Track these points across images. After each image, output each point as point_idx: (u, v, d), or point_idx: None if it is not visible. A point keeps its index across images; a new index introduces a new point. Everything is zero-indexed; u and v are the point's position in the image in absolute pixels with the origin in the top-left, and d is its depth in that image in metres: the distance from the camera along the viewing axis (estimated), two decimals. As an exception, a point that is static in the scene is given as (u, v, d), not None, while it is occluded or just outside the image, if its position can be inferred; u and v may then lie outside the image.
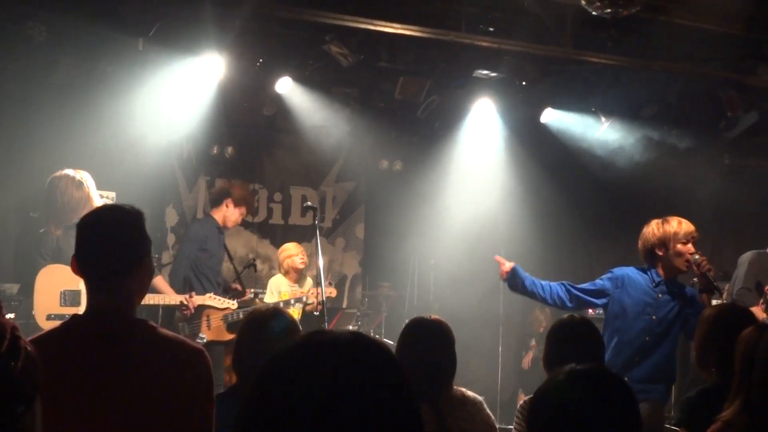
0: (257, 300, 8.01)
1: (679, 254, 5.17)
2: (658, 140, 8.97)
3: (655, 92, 8.46)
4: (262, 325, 3.48)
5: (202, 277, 6.91)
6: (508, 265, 5.49)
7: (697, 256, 5.13)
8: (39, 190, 5.95)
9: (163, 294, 6.37)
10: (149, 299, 6.07)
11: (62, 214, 5.66)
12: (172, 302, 6.30)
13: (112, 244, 2.55)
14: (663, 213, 5.42)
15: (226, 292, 7.06)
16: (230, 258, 7.33)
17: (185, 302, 6.27)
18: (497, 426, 3.81)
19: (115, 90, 7.53)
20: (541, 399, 2.05)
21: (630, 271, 5.33)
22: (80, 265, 2.55)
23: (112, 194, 7.29)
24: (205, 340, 6.42)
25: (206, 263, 6.94)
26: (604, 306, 5.34)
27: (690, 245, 5.17)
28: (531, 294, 5.45)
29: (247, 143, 9.49)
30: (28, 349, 1.38)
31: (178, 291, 6.63)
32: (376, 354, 1.35)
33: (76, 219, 5.83)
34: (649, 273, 5.26)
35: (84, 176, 5.80)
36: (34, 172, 7.49)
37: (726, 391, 3.02)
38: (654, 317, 5.15)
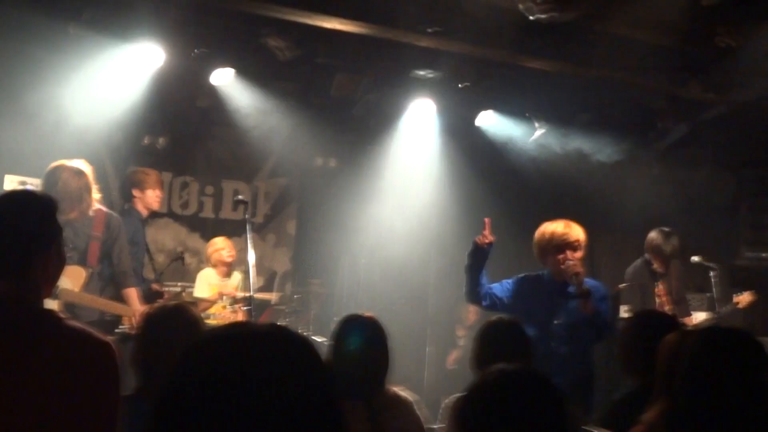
0: (184, 294, 7.89)
1: (556, 262, 5.19)
2: (589, 147, 9.11)
3: (589, 100, 8.58)
4: (163, 322, 3.37)
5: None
6: (490, 237, 5.30)
7: (569, 262, 5.12)
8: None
9: (112, 303, 5.93)
10: (97, 303, 5.80)
11: (62, 205, 5.48)
12: (120, 313, 5.89)
13: (13, 231, 2.48)
14: (592, 219, 5.46)
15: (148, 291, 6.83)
16: (149, 253, 7.11)
17: (132, 319, 5.81)
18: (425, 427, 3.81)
19: (43, 74, 7.34)
20: (471, 399, 2.05)
21: (526, 278, 5.37)
22: None
23: (38, 182, 7.08)
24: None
25: (135, 257, 6.78)
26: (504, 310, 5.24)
27: (568, 252, 5.15)
28: (476, 274, 5.32)
29: (179, 134, 9.33)
30: None
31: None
32: (296, 346, 1.33)
33: (73, 213, 5.68)
34: (545, 277, 5.31)
35: (82, 166, 5.66)
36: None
37: (649, 394, 3.07)
38: (556, 321, 5.16)
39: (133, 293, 6.05)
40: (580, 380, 5.14)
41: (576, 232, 5.24)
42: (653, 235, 7.46)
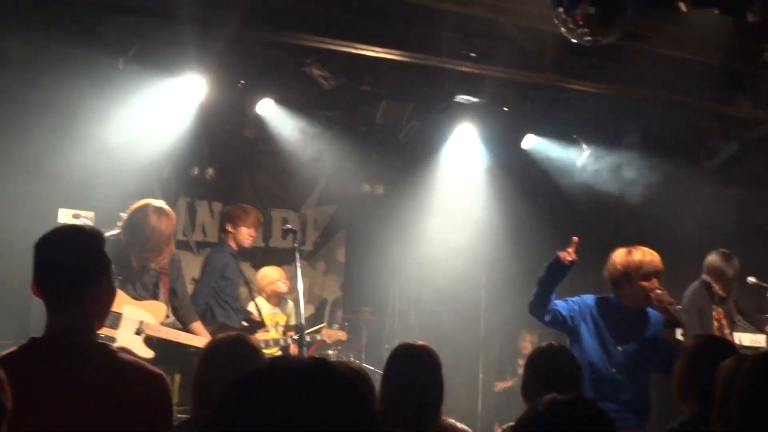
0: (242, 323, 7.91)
1: (640, 289, 5.07)
2: (638, 168, 9.00)
3: (636, 120, 8.50)
4: (223, 353, 3.38)
5: (224, 305, 6.82)
6: (574, 256, 5.18)
7: (658, 291, 5.02)
8: (19, 213, 5.81)
9: (195, 336, 5.97)
10: (179, 337, 5.87)
11: (149, 245, 5.59)
12: (199, 345, 5.84)
13: (67, 264, 2.53)
14: (644, 241, 5.37)
15: (246, 321, 6.91)
16: (247, 285, 7.12)
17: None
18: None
19: (94, 109, 7.48)
20: (522, 430, 2.02)
21: (592, 300, 5.27)
22: (38, 286, 2.53)
23: (91, 214, 7.20)
24: None
25: (227, 291, 6.84)
26: (563, 329, 5.26)
27: (654, 280, 5.07)
28: (548, 288, 5.26)
29: (227, 165, 9.43)
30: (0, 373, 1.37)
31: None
32: (338, 383, 1.32)
33: (162, 257, 5.79)
34: (614, 301, 5.21)
35: (167, 207, 5.81)
36: (11, 191, 7.43)
37: (706, 423, 3.00)
38: (619, 348, 5.08)
39: (200, 326, 6.13)
40: (637, 408, 5.07)
41: (659, 260, 5.16)
42: (713, 257, 7.25)
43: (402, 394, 3.39)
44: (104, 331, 5.09)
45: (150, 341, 5.83)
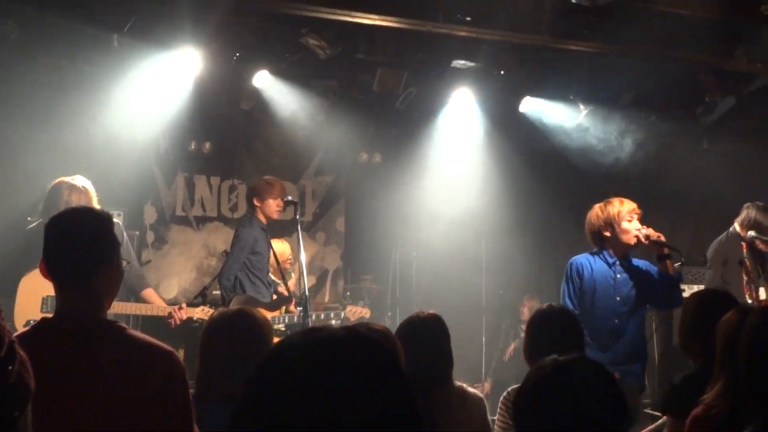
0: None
1: (626, 231, 5.28)
2: (636, 126, 8.99)
3: (633, 79, 8.47)
4: (225, 327, 3.32)
5: (255, 280, 6.79)
6: None
7: (643, 230, 5.27)
8: (17, 190, 5.84)
9: (150, 304, 6.06)
10: (134, 309, 5.92)
11: None
12: (159, 313, 6.02)
13: (77, 245, 2.57)
14: (643, 197, 5.47)
15: (276, 293, 7.00)
16: (276, 258, 7.12)
17: (173, 313, 6.00)
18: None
19: (91, 87, 7.48)
20: (525, 392, 2.05)
21: (583, 259, 5.43)
22: (47, 266, 2.58)
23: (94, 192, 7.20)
24: None
25: (257, 265, 6.83)
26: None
27: (635, 221, 5.31)
28: None
29: (224, 138, 9.42)
30: (22, 354, 1.38)
31: (227, 294, 6.52)
32: (374, 352, 1.34)
33: None
34: (602, 255, 5.37)
35: (86, 183, 5.71)
36: (10, 171, 7.43)
37: (709, 375, 3.03)
38: (618, 298, 5.26)
39: (151, 292, 6.12)
40: (637, 354, 5.30)
41: (635, 203, 5.39)
42: (751, 211, 7.19)
43: (415, 365, 3.42)
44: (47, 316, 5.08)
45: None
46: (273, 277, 7.32)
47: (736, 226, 7.24)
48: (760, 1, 6.59)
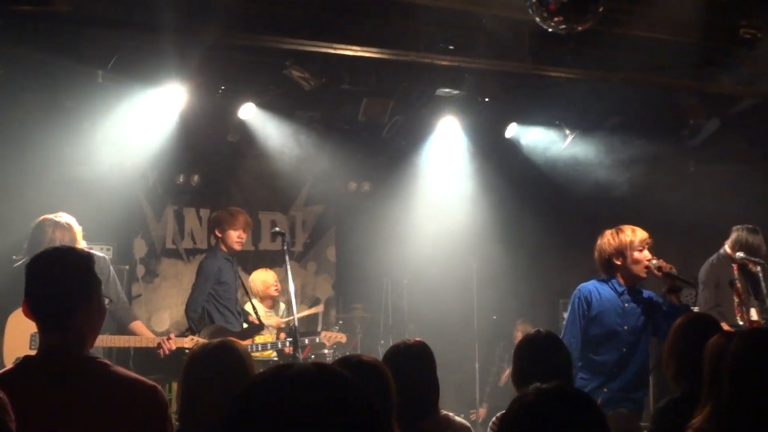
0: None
1: (637, 261, 5.23)
2: (622, 151, 9.04)
3: (617, 103, 8.53)
4: (206, 362, 3.26)
5: (224, 309, 6.79)
6: None
7: (654, 261, 5.21)
8: (3, 228, 5.81)
9: (138, 336, 6.01)
10: (123, 341, 5.91)
11: None
12: (148, 344, 5.98)
13: (57, 284, 2.59)
14: (630, 223, 5.45)
15: (246, 323, 6.97)
16: (245, 289, 7.11)
17: (162, 343, 5.98)
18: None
19: (76, 123, 7.49)
20: (508, 420, 2.05)
21: (591, 286, 5.35)
22: (29, 306, 2.58)
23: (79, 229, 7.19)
24: None
25: (224, 295, 6.82)
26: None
27: (646, 251, 5.25)
28: None
29: (212, 170, 9.44)
30: (2, 396, 1.39)
31: (194, 326, 6.52)
32: (342, 388, 1.35)
33: None
34: (610, 283, 5.30)
35: (70, 220, 5.71)
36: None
37: (695, 400, 3.03)
38: (625, 327, 5.20)
39: (140, 324, 6.10)
40: (640, 383, 5.27)
41: (646, 233, 5.34)
42: (742, 233, 7.26)
43: (400, 393, 3.40)
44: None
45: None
46: (245, 307, 7.34)
47: (727, 248, 7.31)
48: (739, 25, 6.64)
